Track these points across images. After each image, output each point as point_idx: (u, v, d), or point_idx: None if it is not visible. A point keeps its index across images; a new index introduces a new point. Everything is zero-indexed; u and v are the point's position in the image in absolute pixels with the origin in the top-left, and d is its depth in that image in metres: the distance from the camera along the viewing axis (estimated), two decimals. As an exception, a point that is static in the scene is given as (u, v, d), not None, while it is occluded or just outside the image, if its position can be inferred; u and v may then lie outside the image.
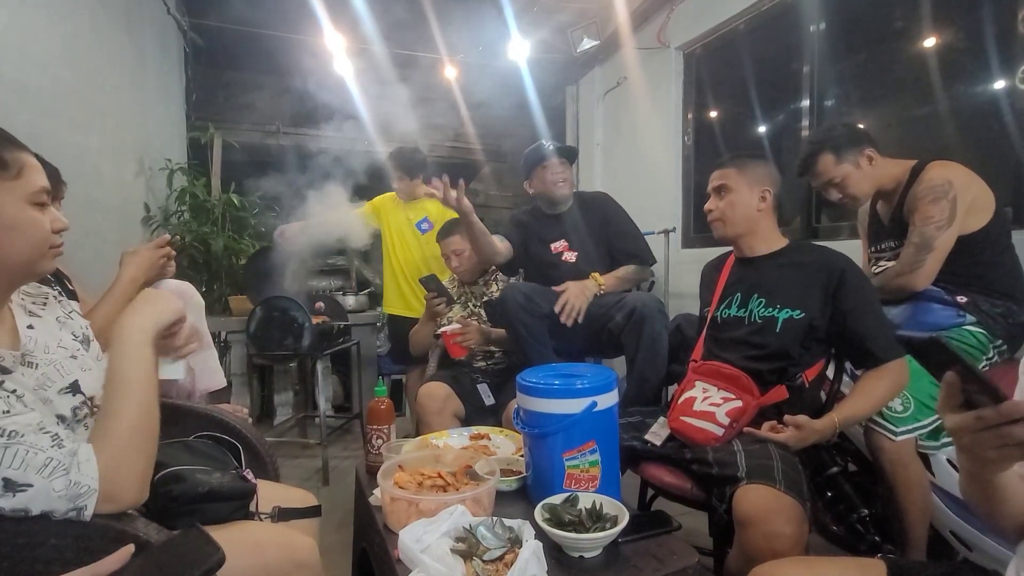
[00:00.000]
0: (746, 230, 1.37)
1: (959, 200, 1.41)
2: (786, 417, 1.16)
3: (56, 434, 0.67)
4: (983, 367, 1.40)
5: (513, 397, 1.57)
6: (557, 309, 1.72)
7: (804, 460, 1.19)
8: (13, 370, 0.71)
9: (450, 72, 3.91)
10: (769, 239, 1.37)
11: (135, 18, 2.66)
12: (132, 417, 0.73)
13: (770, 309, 1.29)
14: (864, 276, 1.28)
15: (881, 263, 1.63)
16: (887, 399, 1.24)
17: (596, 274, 1.88)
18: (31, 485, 0.63)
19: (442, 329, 1.99)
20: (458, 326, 1.96)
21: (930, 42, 2.10)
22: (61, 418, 0.74)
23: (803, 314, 1.25)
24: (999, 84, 1.85)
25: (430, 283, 2.09)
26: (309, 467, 2.62)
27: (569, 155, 2.09)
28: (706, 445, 1.20)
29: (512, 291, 1.80)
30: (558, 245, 2.06)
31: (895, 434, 1.32)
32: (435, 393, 1.87)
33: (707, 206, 1.41)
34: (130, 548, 0.65)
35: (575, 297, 1.73)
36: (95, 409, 0.80)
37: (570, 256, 2.04)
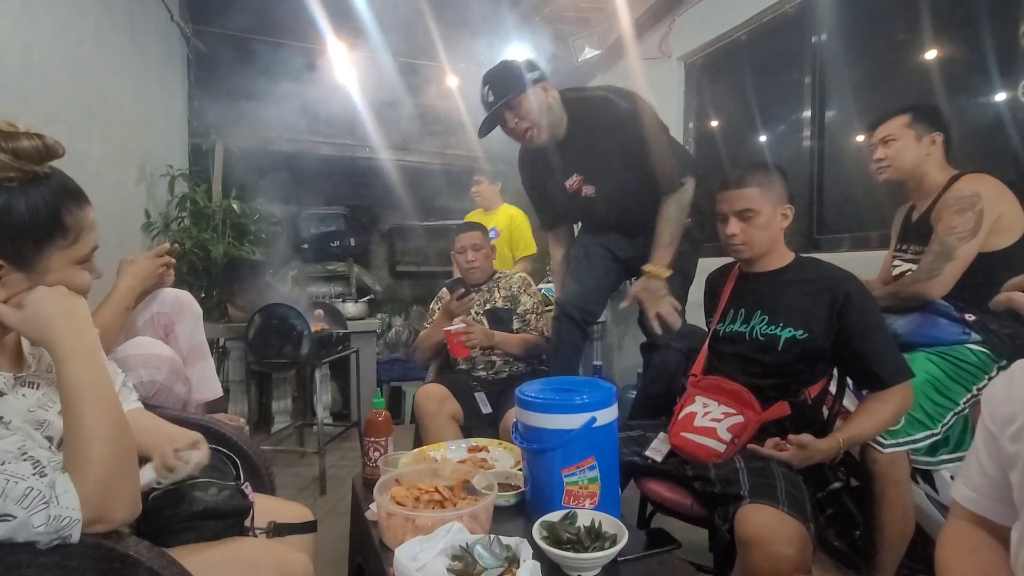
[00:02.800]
0: (769, 250, 1.33)
1: (985, 214, 1.40)
2: (790, 436, 1.14)
3: (37, 460, 0.65)
4: (982, 385, 1.38)
5: (511, 407, 1.56)
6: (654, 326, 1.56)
7: (806, 476, 1.17)
8: (6, 392, 0.70)
9: (452, 80, 3.92)
10: (781, 255, 1.35)
11: (139, 26, 2.67)
12: (106, 433, 0.69)
13: (772, 327, 1.27)
14: (871, 297, 1.25)
15: (898, 263, 1.64)
16: (891, 421, 1.22)
17: (651, 268, 1.60)
18: (13, 516, 0.62)
19: (446, 328, 1.97)
20: (463, 325, 1.95)
21: (931, 54, 2.10)
22: (51, 439, 0.72)
23: (806, 334, 1.22)
24: (1000, 96, 1.85)
25: (458, 284, 2.08)
26: (306, 476, 2.60)
27: (509, 94, 1.53)
28: (707, 461, 1.18)
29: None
30: (572, 181, 1.71)
31: (883, 446, 1.31)
32: (432, 394, 1.86)
33: (729, 230, 1.30)
34: None
35: (655, 318, 1.57)
36: None
37: (588, 190, 1.70)
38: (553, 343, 1.89)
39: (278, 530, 0.94)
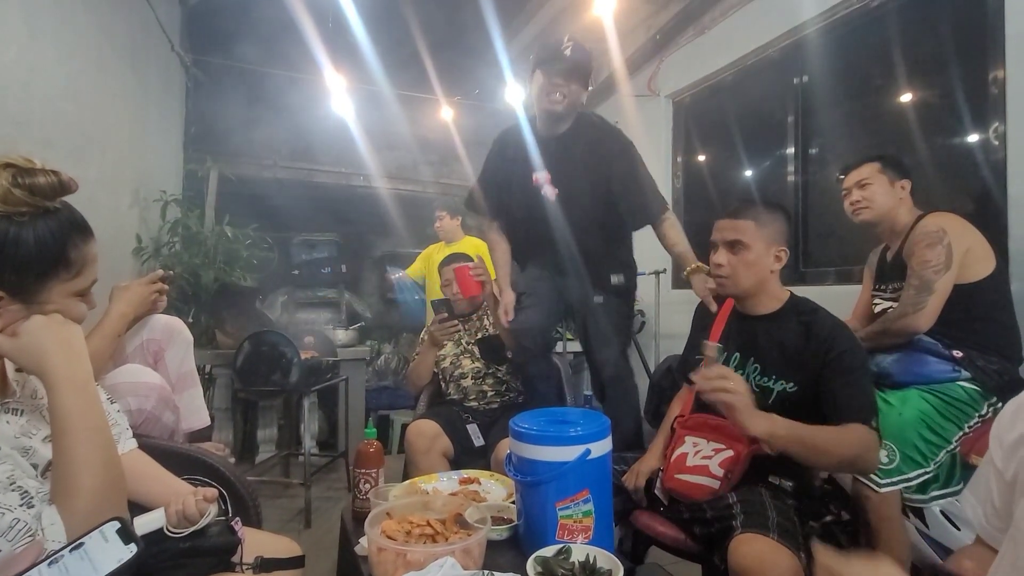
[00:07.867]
0: (755, 290, 1.28)
1: (954, 247, 1.45)
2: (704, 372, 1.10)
3: (26, 491, 0.64)
4: (975, 423, 1.40)
5: (503, 436, 1.55)
6: None
7: (798, 509, 1.17)
8: None
9: (446, 112, 4.02)
10: (774, 297, 1.29)
11: (140, 55, 2.72)
12: (96, 464, 0.68)
13: (765, 379, 1.24)
14: (861, 355, 1.20)
15: (879, 301, 1.68)
16: (840, 447, 1.10)
17: (698, 264, 1.68)
18: None
19: (458, 265, 1.98)
20: (477, 262, 1.99)
21: (907, 97, 2.20)
22: (36, 467, 0.71)
23: (796, 387, 1.20)
24: (973, 138, 1.94)
25: (443, 307, 2.01)
26: (291, 508, 2.53)
27: (578, 71, 1.70)
28: (703, 500, 1.18)
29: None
30: (540, 175, 1.76)
31: (879, 486, 1.31)
32: (424, 431, 1.84)
33: (716, 259, 1.27)
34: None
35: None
36: None
37: (550, 192, 1.75)
38: (522, 380, 1.92)
39: (265, 565, 0.91)
